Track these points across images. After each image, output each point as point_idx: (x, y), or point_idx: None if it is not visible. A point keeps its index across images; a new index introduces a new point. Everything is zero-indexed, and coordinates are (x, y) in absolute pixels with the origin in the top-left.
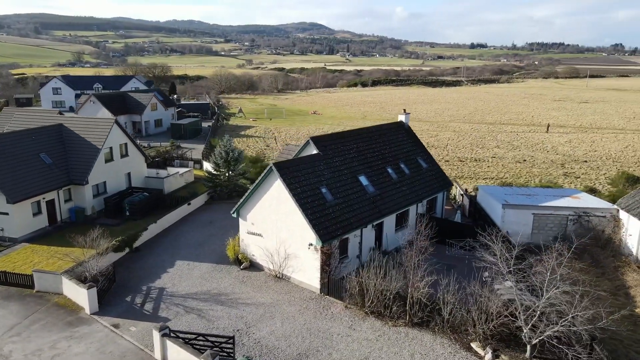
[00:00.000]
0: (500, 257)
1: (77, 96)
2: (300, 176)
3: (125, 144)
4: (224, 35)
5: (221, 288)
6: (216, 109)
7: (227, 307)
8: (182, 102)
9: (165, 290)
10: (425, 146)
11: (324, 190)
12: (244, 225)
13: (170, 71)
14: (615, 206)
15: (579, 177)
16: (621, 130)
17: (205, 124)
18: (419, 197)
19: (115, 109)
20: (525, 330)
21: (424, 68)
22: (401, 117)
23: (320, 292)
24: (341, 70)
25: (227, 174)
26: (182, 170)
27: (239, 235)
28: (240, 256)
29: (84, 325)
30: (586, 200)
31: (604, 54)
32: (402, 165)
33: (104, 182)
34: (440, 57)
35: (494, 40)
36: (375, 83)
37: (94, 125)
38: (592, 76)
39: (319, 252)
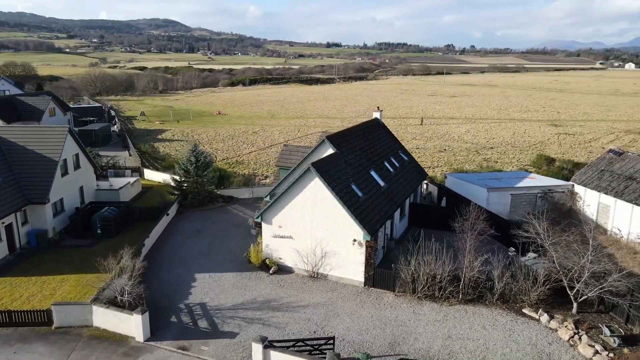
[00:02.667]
0: (542, 233)
1: None
2: (333, 175)
3: (77, 155)
4: (65, 30)
5: (265, 295)
6: (112, 112)
7: (286, 312)
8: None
9: (207, 305)
10: None
11: (354, 187)
12: (268, 230)
13: (34, 70)
14: (570, 182)
15: (497, 162)
16: (499, 120)
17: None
18: (412, 188)
19: (5, 115)
20: (575, 289)
21: (293, 66)
22: (376, 114)
23: (365, 285)
24: (211, 70)
25: (196, 180)
26: (131, 179)
27: (260, 240)
28: (267, 261)
29: (146, 353)
30: (543, 180)
31: (439, 53)
32: (393, 160)
33: (61, 199)
34: (301, 56)
35: (346, 40)
36: (252, 82)
37: (44, 135)
38: (441, 73)
39: (364, 246)
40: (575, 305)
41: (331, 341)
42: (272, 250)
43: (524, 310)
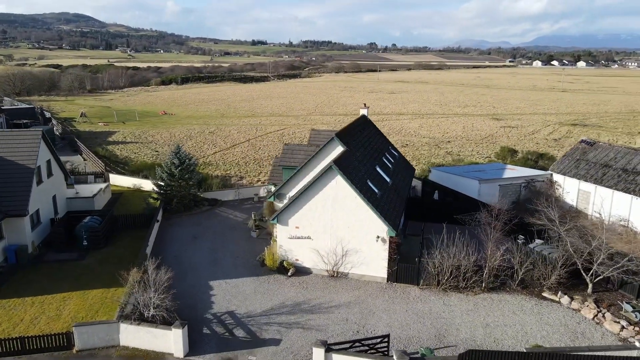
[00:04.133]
0: (556, 220)
1: None
2: (352, 172)
3: (49, 161)
4: None
5: (292, 298)
6: (48, 114)
7: (321, 314)
8: None
9: (235, 313)
10: None
11: (369, 183)
12: (284, 231)
13: None
14: (549, 172)
15: (460, 155)
16: (444, 115)
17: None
18: (409, 183)
19: None
20: (592, 271)
21: (222, 64)
22: (363, 111)
23: (388, 281)
24: (135, 67)
25: (180, 184)
26: (102, 185)
27: (275, 243)
28: (285, 263)
29: None
30: (523, 170)
31: (363, 51)
32: (388, 155)
33: (37, 210)
34: (227, 54)
35: (271, 38)
36: (185, 80)
37: (16, 141)
38: (370, 70)
39: (387, 242)
40: (590, 285)
41: (386, 339)
42: (288, 251)
43: (544, 294)
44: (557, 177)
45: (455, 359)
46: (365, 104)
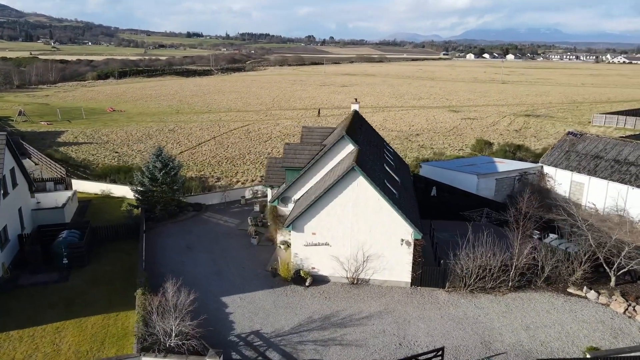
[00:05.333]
0: (577, 215)
1: None
2: (371, 172)
3: (13, 169)
4: None
5: (317, 311)
6: None
7: (355, 327)
8: None
9: (262, 333)
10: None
11: (387, 184)
12: (299, 238)
13: None
14: (539, 164)
15: (433, 148)
16: (403, 108)
17: None
18: (410, 180)
19: None
20: (617, 264)
21: (160, 57)
22: (354, 106)
23: (412, 285)
24: (63, 61)
25: (163, 189)
26: (68, 193)
27: (289, 251)
28: (302, 273)
29: None
30: (513, 163)
31: (302, 44)
32: (387, 153)
33: (5, 227)
34: (161, 46)
35: (207, 30)
36: (122, 74)
37: None
38: (314, 63)
39: (412, 245)
40: (613, 279)
41: (440, 352)
42: (303, 260)
43: (569, 290)
44: (548, 169)
45: None
46: (356, 99)
